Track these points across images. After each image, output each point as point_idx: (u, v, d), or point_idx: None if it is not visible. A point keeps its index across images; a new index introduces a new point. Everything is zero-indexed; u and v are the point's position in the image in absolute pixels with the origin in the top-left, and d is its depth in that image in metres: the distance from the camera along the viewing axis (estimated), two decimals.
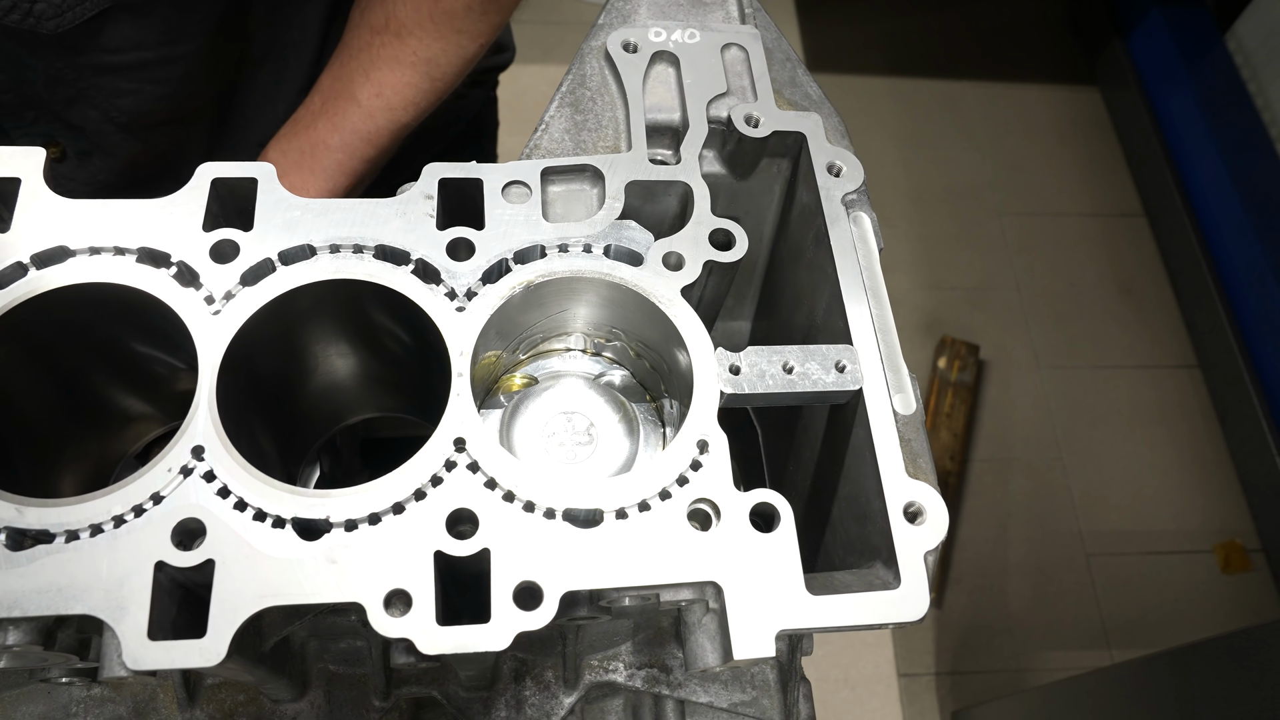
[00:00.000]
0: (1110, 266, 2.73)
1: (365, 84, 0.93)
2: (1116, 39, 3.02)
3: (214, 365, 0.54)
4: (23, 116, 0.93)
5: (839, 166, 0.69)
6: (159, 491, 0.51)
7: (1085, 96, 3.13)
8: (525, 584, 0.51)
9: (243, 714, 0.72)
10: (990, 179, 2.92)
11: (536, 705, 0.75)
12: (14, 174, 0.58)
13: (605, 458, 0.61)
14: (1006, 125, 3.06)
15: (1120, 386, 2.51)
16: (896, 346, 0.63)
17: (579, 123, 0.71)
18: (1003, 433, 2.41)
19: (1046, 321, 2.61)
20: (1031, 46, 3.28)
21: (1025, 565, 2.23)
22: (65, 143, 0.96)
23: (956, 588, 2.18)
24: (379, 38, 0.93)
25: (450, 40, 0.92)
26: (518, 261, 0.61)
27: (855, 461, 0.62)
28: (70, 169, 0.98)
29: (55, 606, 0.47)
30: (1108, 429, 2.44)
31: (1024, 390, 2.48)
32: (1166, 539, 2.28)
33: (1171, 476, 2.39)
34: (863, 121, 3.09)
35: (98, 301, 0.57)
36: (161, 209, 0.59)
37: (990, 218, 2.83)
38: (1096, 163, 2.96)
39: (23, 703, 0.69)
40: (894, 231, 2.78)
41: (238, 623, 0.48)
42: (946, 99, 3.14)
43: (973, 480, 2.32)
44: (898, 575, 0.55)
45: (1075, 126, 3.05)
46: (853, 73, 3.26)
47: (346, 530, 0.51)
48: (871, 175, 0.70)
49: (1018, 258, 2.74)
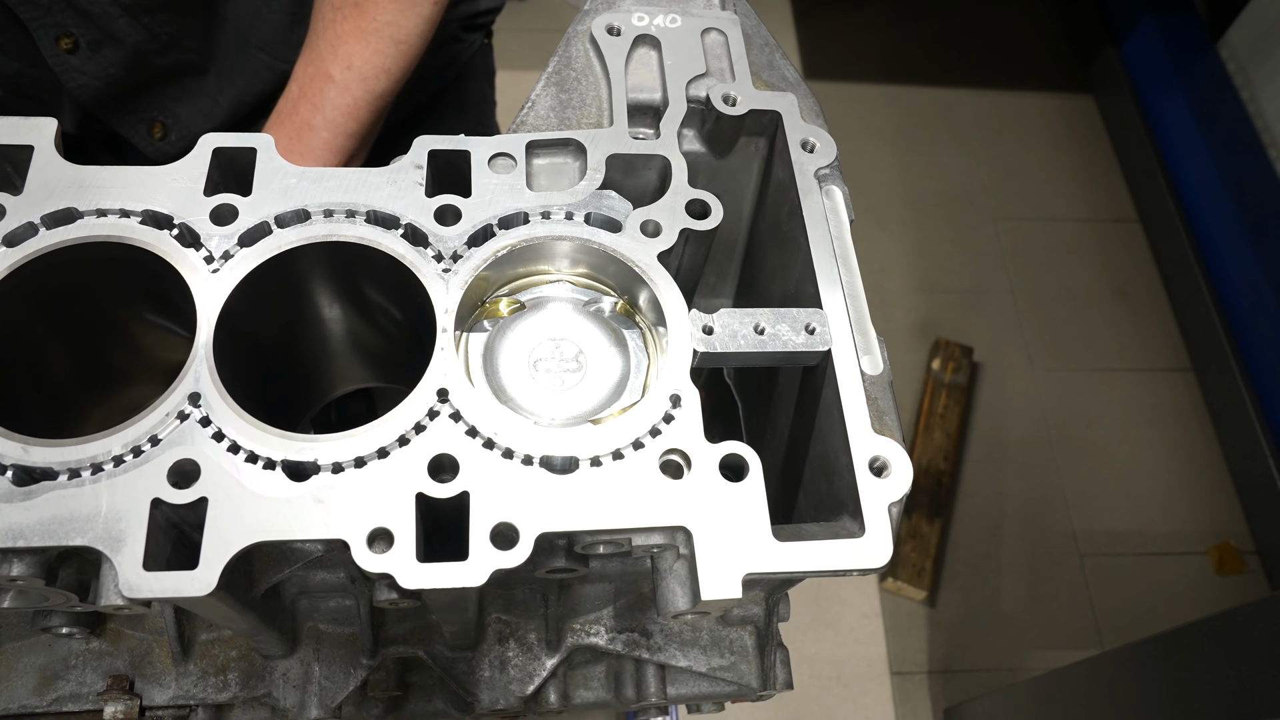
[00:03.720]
0: (1104, 270, 2.76)
1: (335, 59, 0.97)
2: (1110, 47, 3.06)
3: (211, 319, 0.57)
4: (36, 4, 0.97)
5: (812, 143, 0.72)
6: (156, 434, 0.54)
7: (1079, 104, 3.16)
8: (502, 525, 0.53)
9: (234, 669, 0.74)
10: (985, 184, 2.96)
11: (519, 666, 0.78)
12: (28, 141, 0.61)
13: (594, 385, 0.62)
14: (1001, 131, 3.10)
15: (1114, 389, 2.53)
16: (865, 311, 0.66)
17: (564, 101, 0.74)
18: (997, 433, 2.43)
19: (1040, 324, 2.63)
20: (1026, 54, 3.32)
21: (1019, 565, 2.25)
22: (77, 33, 1.00)
23: (950, 586, 2.19)
24: (340, 12, 0.97)
25: (405, 2, 0.95)
26: (502, 227, 0.64)
27: (825, 421, 0.65)
28: (83, 61, 1.02)
29: (57, 538, 0.50)
30: (1101, 431, 2.46)
31: (1018, 392, 2.50)
32: (1160, 540, 2.29)
33: (1165, 478, 2.41)
34: (859, 127, 3.13)
35: (104, 261, 0.60)
36: (165, 175, 0.62)
37: (985, 222, 2.86)
38: (1091, 168, 2.99)
39: (24, 654, 0.72)
40: (889, 235, 2.81)
41: (228, 556, 0.50)
42: (942, 105, 3.18)
43: (966, 480, 2.34)
44: (862, 525, 0.57)
45: (1069, 132, 3.09)
46: (850, 80, 3.30)
47: (333, 472, 0.54)
48: (867, 180, 0.73)
49: (1012, 262, 2.76)
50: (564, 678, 0.81)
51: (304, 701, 0.74)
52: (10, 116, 0.62)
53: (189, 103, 1.12)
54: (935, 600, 2.18)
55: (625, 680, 0.83)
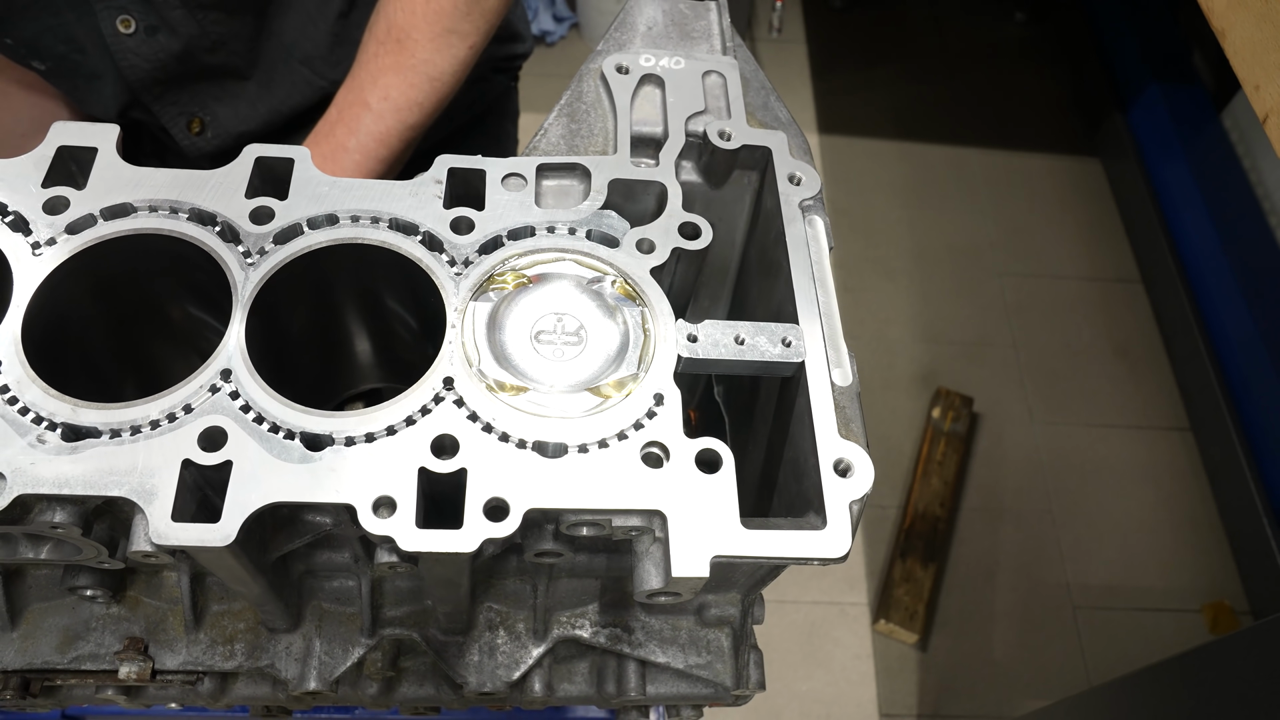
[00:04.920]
0: (1106, 329, 2.81)
1: (374, 90, 1.06)
2: (1117, 113, 3.14)
3: (245, 304, 0.64)
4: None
5: (799, 177, 0.79)
6: (190, 403, 0.60)
7: (1086, 166, 3.24)
8: (495, 499, 0.59)
9: (241, 640, 0.79)
10: (992, 240, 3.02)
11: (507, 653, 0.82)
12: (93, 144, 0.69)
13: (592, 357, 0.67)
14: (1010, 190, 3.17)
15: (1112, 445, 2.56)
16: (839, 328, 0.72)
17: (574, 130, 0.81)
18: (994, 483, 2.46)
19: (1041, 378, 2.68)
20: (1036, 117, 3.42)
21: (1012, 613, 2.26)
22: (136, 17, 1.10)
23: (942, 631, 2.21)
24: (383, 47, 1.07)
25: (443, 42, 1.06)
26: (511, 238, 0.71)
27: (798, 428, 0.70)
28: (137, 44, 1.11)
29: (98, 488, 0.56)
30: (1099, 485, 2.49)
31: (1016, 443, 2.54)
32: (1154, 596, 2.30)
33: (1161, 535, 2.43)
34: (871, 181, 3.21)
35: (152, 250, 0.67)
36: (211, 178, 0.69)
37: (990, 277, 2.92)
38: (1096, 229, 3.06)
39: (50, 615, 0.77)
40: (896, 286, 2.87)
41: (248, 512, 0.56)
42: (953, 163, 3.27)
43: (962, 527, 2.36)
44: (825, 519, 0.63)
45: (1076, 193, 3.16)
46: (864, 135, 3.39)
47: (346, 445, 0.60)
48: (877, 232, 0.79)
49: (1015, 316, 2.82)
50: (549, 669, 0.86)
51: (304, 674, 0.79)
52: (78, 122, 0.69)
53: (228, 104, 1.21)
54: (927, 644, 2.20)
55: (607, 676, 0.87)
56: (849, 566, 2.30)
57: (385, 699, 0.86)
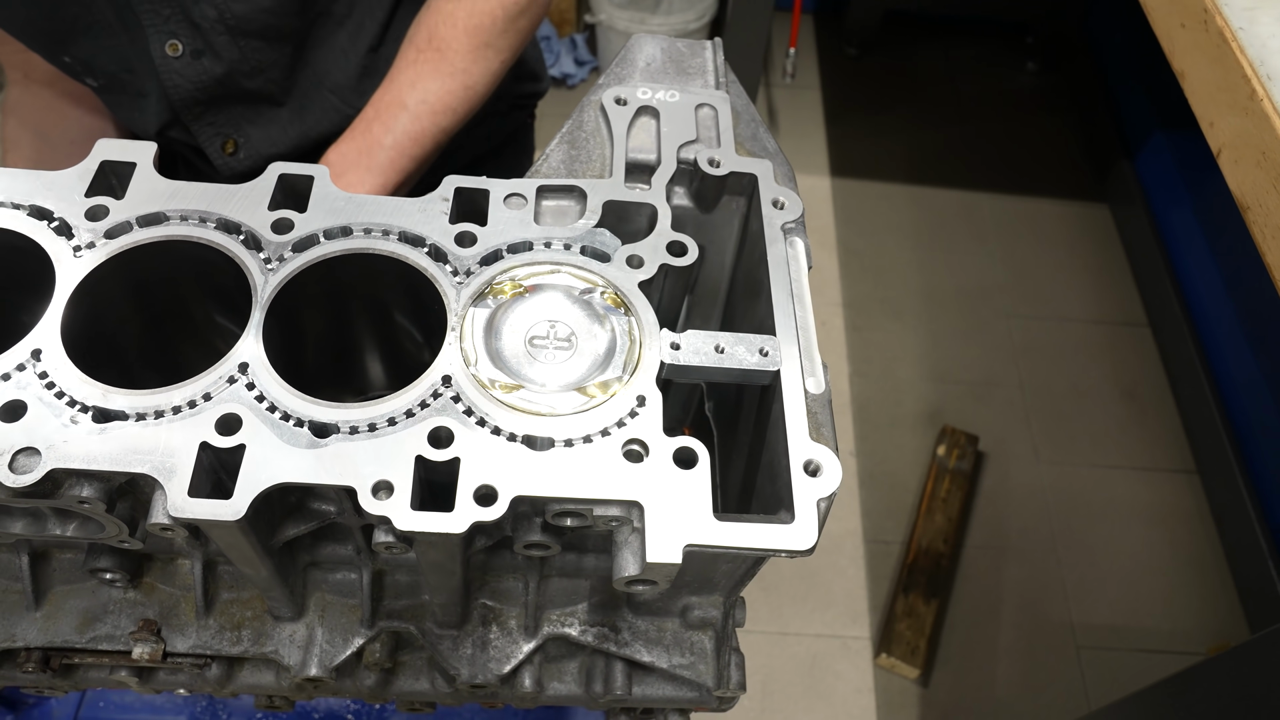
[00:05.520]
0: (1113, 371, 2.83)
1: (412, 92, 1.14)
2: (1124, 159, 3.20)
3: (264, 305, 0.70)
4: (159, 13, 1.14)
5: (782, 201, 0.84)
6: (209, 392, 0.66)
7: (1095, 211, 3.29)
8: (485, 487, 0.64)
9: (248, 627, 0.84)
10: (1000, 282, 3.07)
11: (499, 647, 0.86)
12: (133, 159, 0.76)
13: (581, 361, 0.72)
14: (1019, 234, 3.22)
15: (1118, 486, 2.57)
16: (814, 341, 0.76)
17: (574, 156, 0.88)
18: (999, 521, 2.47)
19: (1047, 419, 2.70)
20: (1046, 163, 3.47)
21: (1014, 651, 2.26)
22: (184, 41, 1.18)
23: (944, 667, 2.21)
24: (423, 54, 1.15)
25: (480, 55, 1.14)
26: (510, 252, 0.77)
27: (773, 433, 0.75)
28: (183, 66, 1.19)
29: (123, 465, 0.61)
30: (1104, 526, 2.49)
31: (1021, 482, 2.55)
32: (1159, 638, 2.29)
33: (1166, 577, 2.42)
34: (882, 223, 3.27)
35: (182, 255, 0.73)
36: (238, 192, 0.76)
37: (998, 319, 2.96)
38: (1103, 273, 3.10)
39: (71, 597, 0.82)
40: (904, 325, 2.91)
41: (258, 490, 0.61)
42: (963, 207, 3.33)
43: (966, 564, 2.37)
44: (794, 515, 0.67)
45: (1084, 238, 3.21)
46: (876, 179, 3.46)
47: (350, 434, 0.65)
48: (887, 272, 0.85)
49: (1022, 357, 2.85)
50: (539, 666, 0.90)
51: (305, 661, 0.83)
52: (120, 140, 0.76)
53: (262, 127, 1.29)
54: (928, 680, 2.20)
55: (595, 676, 0.91)
56: (851, 600, 2.31)
57: (382, 691, 0.90)
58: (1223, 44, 0.77)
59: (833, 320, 2.91)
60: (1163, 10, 0.87)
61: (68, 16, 1.13)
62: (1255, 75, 0.76)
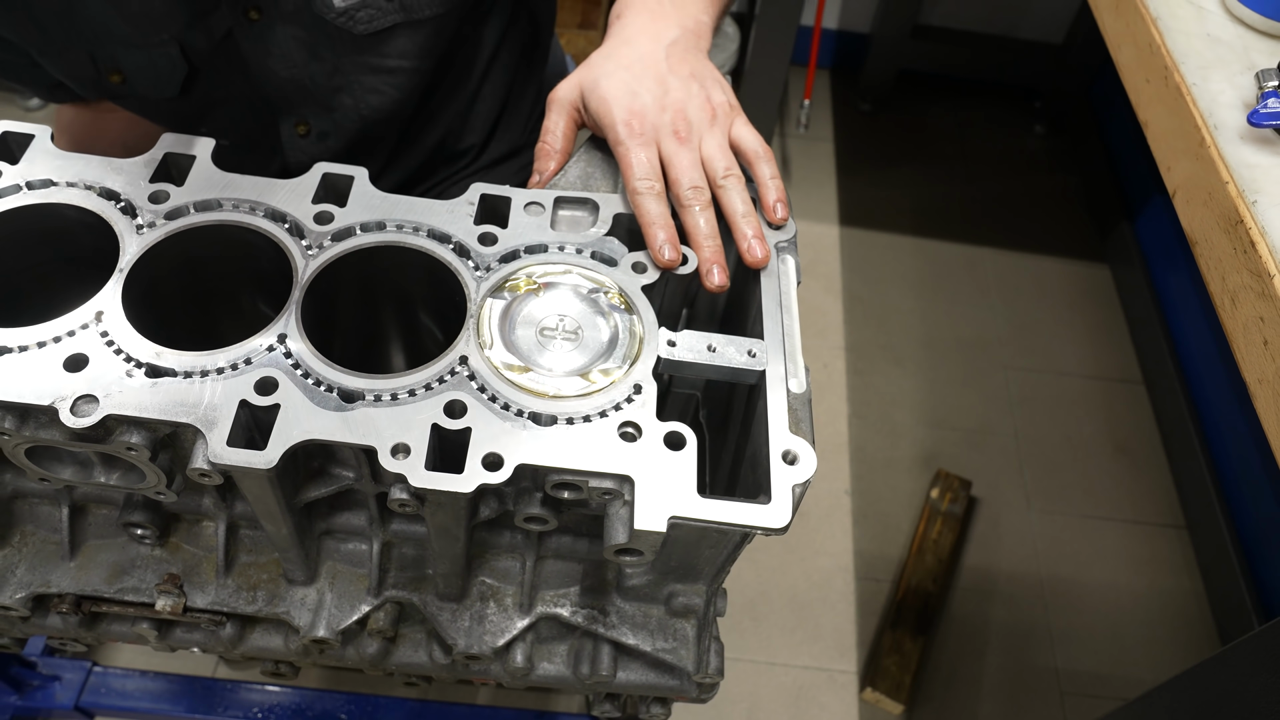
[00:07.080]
0: (1107, 425, 2.88)
1: None
2: (1125, 222, 3.28)
3: (303, 287, 0.78)
4: (292, 102, 1.16)
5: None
6: (250, 357, 0.73)
7: (1095, 271, 3.37)
8: (492, 454, 0.71)
9: (263, 588, 0.90)
10: (1000, 335, 3.13)
11: (495, 622, 0.92)
12: (194, 153, 0.84)
13: (586, 351, 0.79)
14: (1020, 289, 3.30)
15: (1108, 537, 2.61)
16: (798, 346, 0.84)
17: (589, 173, 0.96)
18: (988, 565, 2.51)
19: (1041, 469, 2.74)
20: (1049, 222, 3.56)
21: (998, 693, 2.28)
22: (313, 123, 1.20)
23: (927, 705, 2.23)
24: None
25: None
26: (527, 252, 0.85)
27: (757, 428, 0.81)
28: (308, 145, 1.22)
29: (171, 415, 0.69)
30: (1092, 575, 2.53)
31: (1012, 528, 2.59)
32: (1144, 686, 2.30)
33: (1152, 628, 2.45)
34: (887, 272, 3.36)
35: (231, 238, 0.81)
36: (286, 185, 0.84)
37: (996, 369, 3.02)
38: (1101, 331, 3.16)
39: (103, 551, 0.89)
40: (904, 372, 2.98)
41: (289, 445, 0.68)
42: (966, 261, 3.41)
43: (954, 605, 2.40)
44: (771, 497, 0.73)
45: (1084, 296, 3.28)
46: (883, 229, 3.55)
47: (374, 401, 0.72)
48: (890, 320, 0.91)
49: (1019, 408, 2.90)
50: (531, 644, 0.95)
51: (314, 623, 0.89)
52: (186, 134, 0.85)
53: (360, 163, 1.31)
54: (912, 716, 2.22)
55: (583, 658, 0.96)
56: (840, 635, 2.34)
57: (382, 660, 0.96)
58: (1179, 97, 0.85)
59: (835, 363, 2.98)
60: (1132, 67, 0.96)
61: (206, 101, 1.15)
62: (1205, 125, 0.84)
